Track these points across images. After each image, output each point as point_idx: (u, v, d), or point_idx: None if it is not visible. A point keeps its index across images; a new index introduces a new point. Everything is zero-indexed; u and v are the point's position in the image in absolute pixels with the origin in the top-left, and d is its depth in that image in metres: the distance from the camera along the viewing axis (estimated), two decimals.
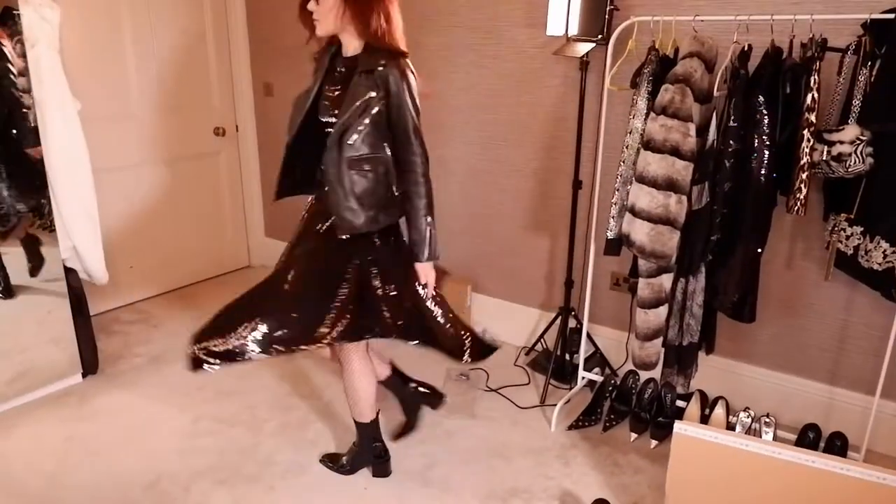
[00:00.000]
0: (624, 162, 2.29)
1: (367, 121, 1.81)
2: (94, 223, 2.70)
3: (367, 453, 2.24)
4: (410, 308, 2.00)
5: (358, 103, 1.80)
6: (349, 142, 1.81)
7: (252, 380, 2.85)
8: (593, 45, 2.50)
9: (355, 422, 2.19)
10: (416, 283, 1.99)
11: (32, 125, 2.49)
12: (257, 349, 1.83)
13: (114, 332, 3.28)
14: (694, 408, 2.49)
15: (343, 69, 1.89)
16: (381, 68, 1.80)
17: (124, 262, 3.47)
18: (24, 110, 2.46)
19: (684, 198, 2.10)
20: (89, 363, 2.84)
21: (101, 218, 2.73)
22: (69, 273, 2.69)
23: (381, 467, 2.25)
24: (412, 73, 1.85)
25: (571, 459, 2.37)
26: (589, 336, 2.78)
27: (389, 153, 1.88)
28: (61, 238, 2.62)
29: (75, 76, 2.60)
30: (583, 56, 2.55)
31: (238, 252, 4.18)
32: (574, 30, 2.53)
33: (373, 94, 1.80)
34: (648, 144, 2.12)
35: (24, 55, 2.40)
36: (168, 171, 3.66)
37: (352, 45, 1.88)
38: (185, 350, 1.86)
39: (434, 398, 2.41)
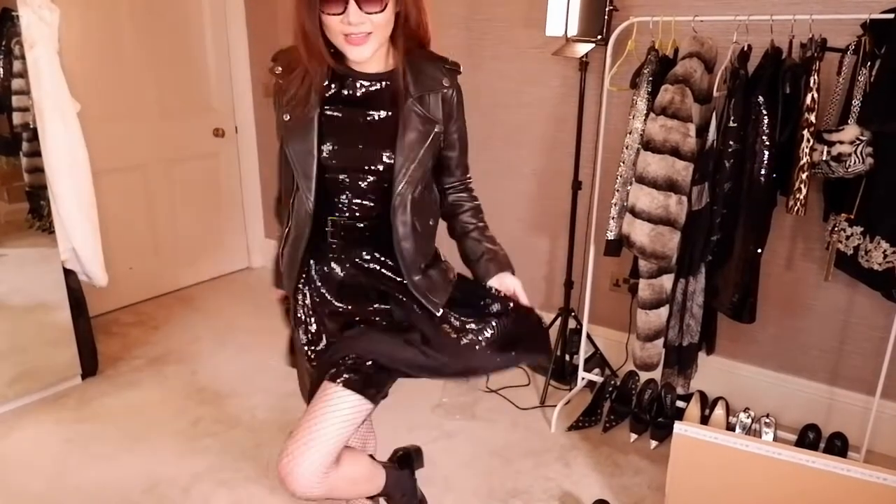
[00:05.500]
0: (624, 162, 2.29)
1: (430, 163, 1.43)
2: (94, 225, 2.69)
3: None
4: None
5: (427, 144, 1.39)
6: (416, 196, 1.40)
7: (252, 381, 2.85)
8: (593, 45, 2.50)
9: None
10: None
11: (32, 126, 2.49)
12: None
13: (113, 334, 3.28)
14: (694, 408, 2.49)
15: (364, 91, 1.39)
16: (447, 91, 1.42)
17: (124, 264, 3.46)
18: None
19: (684, 198, 2.10)
20: (89, 365, 2.84)
21: (100, 219, 2.72)
22: (68, 275, 2.68)
23: None
24: None
25: (571, 460, 2.37)
26: (589, 337, 2.78)
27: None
28: (60, 240, 2.61)
29: (74, 77, 2.60)
30: (582, 56, 2.55)
31: (238, 253, 4.17)
32: (573, 30, 2.53)
33: (438, 127, 1.41)
34: (648, 145, 2.12)
35: (22, 56, 2.40)
36: (167, 173, 3.65)
37: (378, 58, 1.37)
38: None
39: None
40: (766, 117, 2.03)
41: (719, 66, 2.10)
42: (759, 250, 2.19)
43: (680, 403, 2.52)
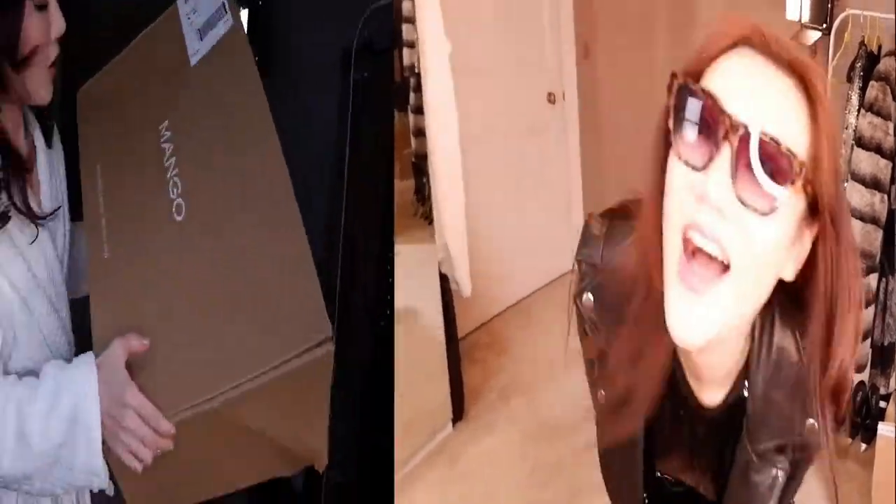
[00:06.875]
0: (842, 158, 2.27)
1: None
2: None
3: None
4: None
5: None
6: None
7: None
8: (819, 34, 2.44)
9: None
10: None
11: None
12: None
13: None
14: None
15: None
16: None
17: None
18: None
19: (885, 196, 2.07)
20: None
21: None
22: None
23: None
24: None
25: None
26: None
27: None
28: None
29: None
30: (811, 45, 2.49)
31: None
32: (806, 16, 2.48)
33: None
34: (859, 141, 2.13)
35: None
36: None
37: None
38: None
39: None
40: None
41: None
42: None
43: (882, 403, 2.39)
